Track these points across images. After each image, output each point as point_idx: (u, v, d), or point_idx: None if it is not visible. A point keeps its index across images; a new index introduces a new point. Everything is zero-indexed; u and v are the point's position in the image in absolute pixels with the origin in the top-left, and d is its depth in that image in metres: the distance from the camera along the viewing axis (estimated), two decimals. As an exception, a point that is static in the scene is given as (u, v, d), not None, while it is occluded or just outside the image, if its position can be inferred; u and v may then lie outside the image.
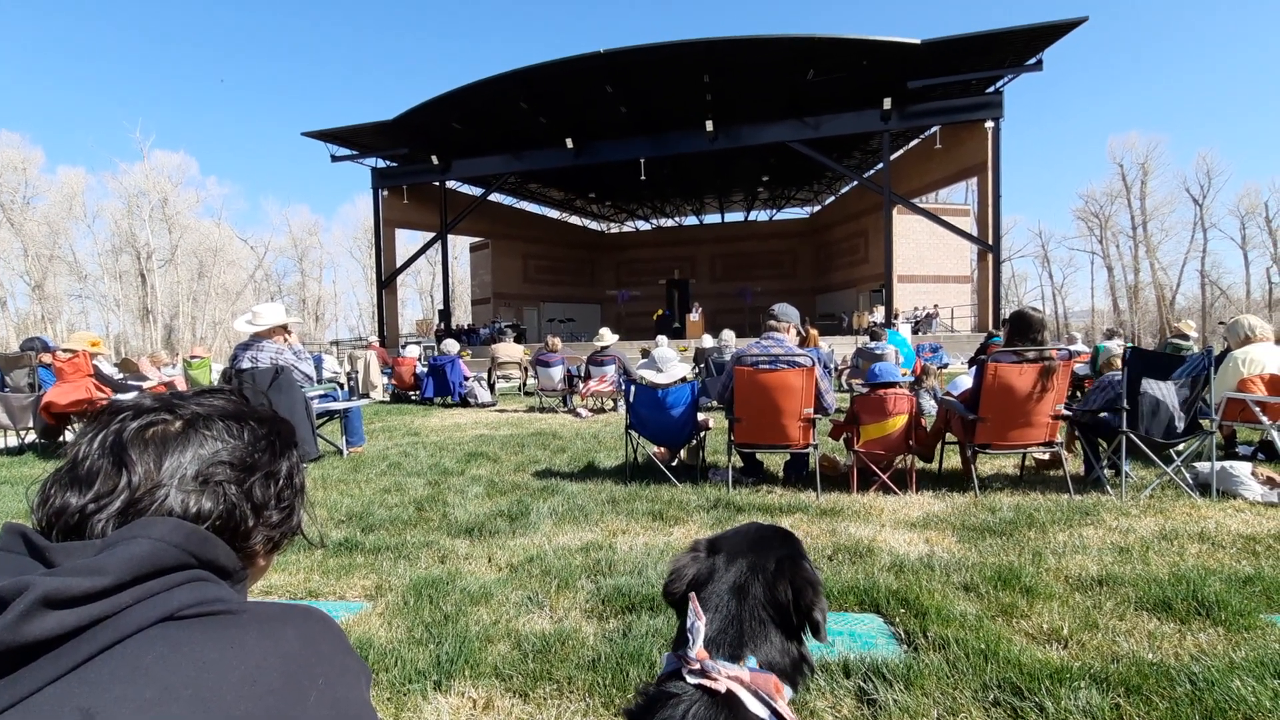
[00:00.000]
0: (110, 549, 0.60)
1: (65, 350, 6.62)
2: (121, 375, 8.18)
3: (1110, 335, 11.71)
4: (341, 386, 9.61)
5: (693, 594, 0.96)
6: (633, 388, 4.83)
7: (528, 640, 2.31)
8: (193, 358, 13.44)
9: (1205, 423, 4.38)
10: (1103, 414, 4.53)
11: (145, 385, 7.31)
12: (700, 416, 5.05)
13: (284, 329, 5.63)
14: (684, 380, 4.77)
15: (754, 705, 0.87)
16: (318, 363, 13.97)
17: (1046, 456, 5.23)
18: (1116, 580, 2.79)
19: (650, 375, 4.72)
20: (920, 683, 1.97)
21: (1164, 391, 4.34)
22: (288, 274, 57.80)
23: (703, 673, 0.88)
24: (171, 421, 0.79)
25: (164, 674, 0.55)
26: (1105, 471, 4.57)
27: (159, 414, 0.79)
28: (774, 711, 0.88)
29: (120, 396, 6.69)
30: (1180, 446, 4.58)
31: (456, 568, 3.15)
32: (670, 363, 4.74)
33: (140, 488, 0.72)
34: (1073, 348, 12.02)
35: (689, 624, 0.92)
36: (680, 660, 0.91)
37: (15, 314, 44.03)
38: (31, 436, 7.00)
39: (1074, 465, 4.99)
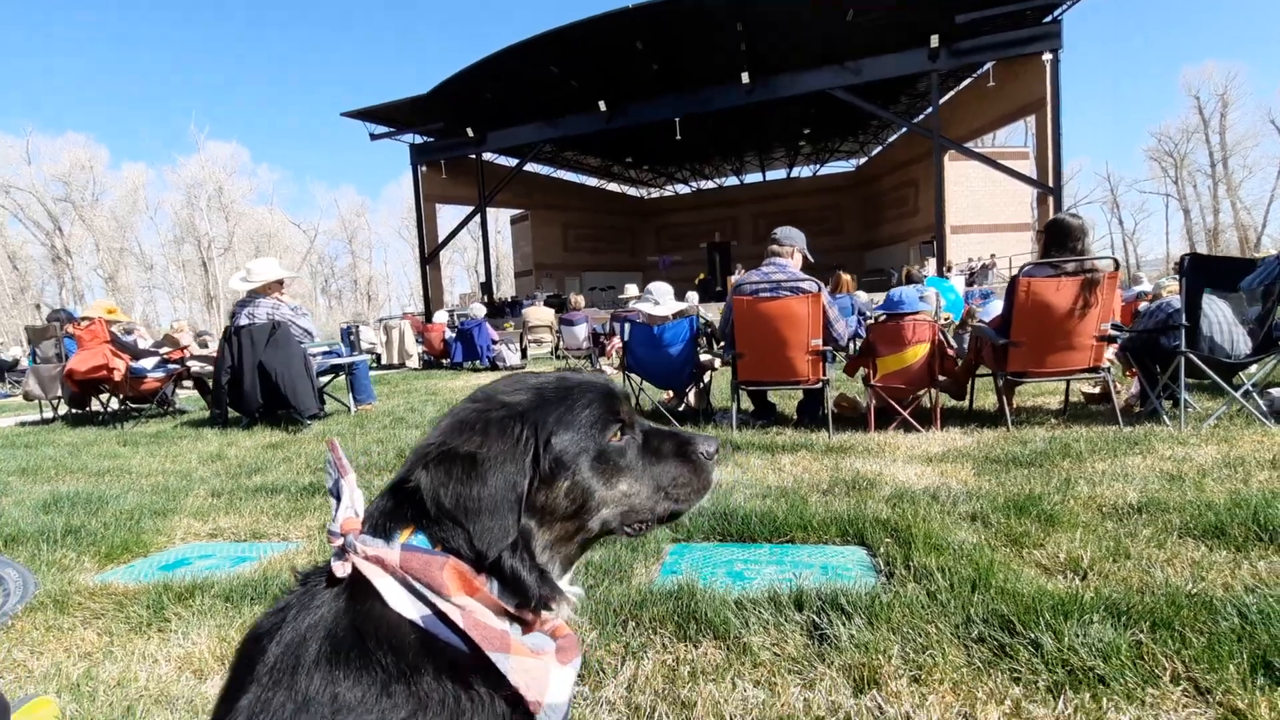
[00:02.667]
0: None
1: (84, 319, 6.71)
2: (153, 344, 8.33)
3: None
4: (352, 346, 9.60)
5: (332, 439, 0.64)
6: (627, 326, 4.50)
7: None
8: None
9: (1283, 340, 3.77)
10: (1160, 335, 3.97)
11: (164, 351, 7.39)
12: (704, 357, 4.69)
13: (279, 284, 5.51)
14: (682, 315, 4.42)
15: (397, 598, 0.56)
16: (354, 333, 14.15)
17: (1096, 389, 4.68)
18: (1159, 506, 2.35)
19: (646, 308, 4.38)
20: (886, 615, 1.61)
21: (1222, 311, 3.76)
22: (339, 256, 59.33)
23: (340, 552, 0.57)
24: None
25: None
26: (1163, 402, 4.02)
27: None
28: (435, 610, 0.56)
29: (138, 363, 6.77)
30: (1252, 369, 3.99)
31: (411, 508, 2.92)
32: (666, 295, 4.39)
33: None
34: (1137, 288, 11.06)
35: (330, 481, 0.60)
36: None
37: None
38: (65, 408, 7.17)
39: (1124, 396, 4.44)
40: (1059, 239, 3.79)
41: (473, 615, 0.56)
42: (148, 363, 6.73)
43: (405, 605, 0.55)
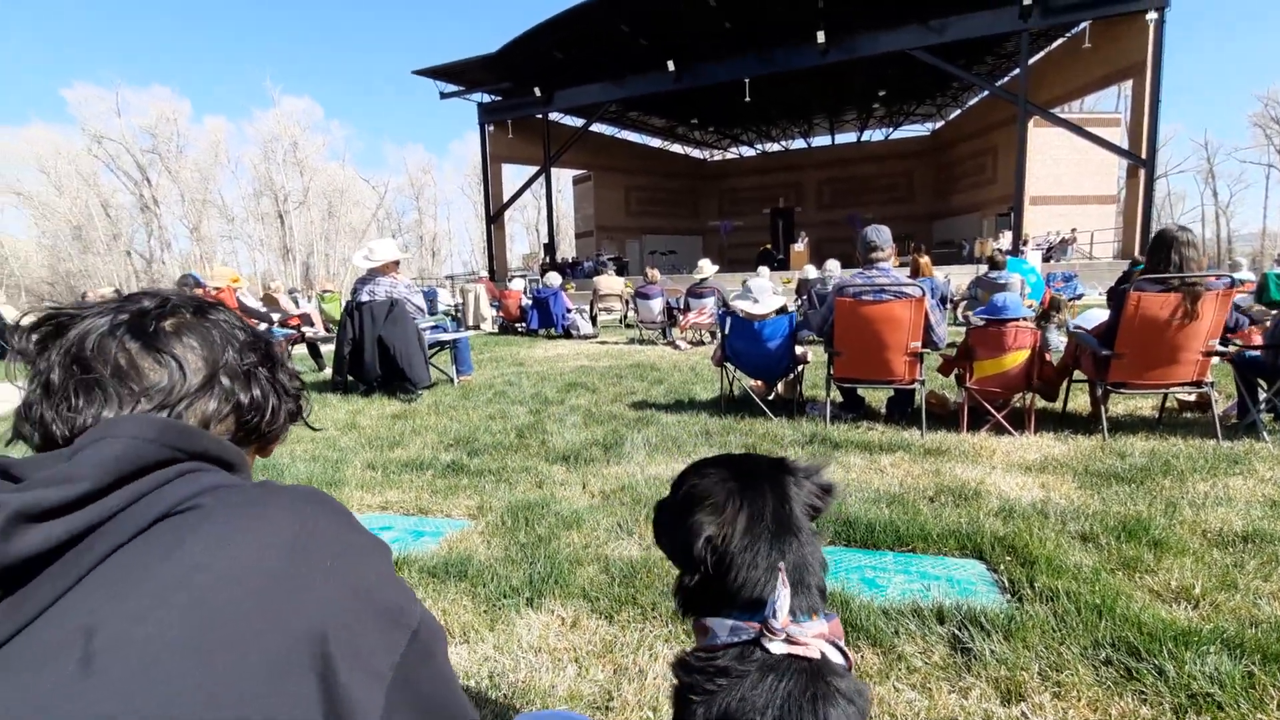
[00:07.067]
0: (78, 455, 0.55)
1: (214, 287, 7.32)
2: (265, 308, 8.97)
3: (1287, 260, 10.18)
4: (452, 318, 10.09)
5: (781, 566, 0.88)
6: (728, 319, 4.73)
7: (615, 565, 2.39)
8: (324, 292, 14.51)
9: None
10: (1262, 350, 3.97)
11: (277, 317, 8.00)
12: (799, 350, 4.89)
13: (395, 264, 5.92)
14: (782, 311, 4.62)
15: (836, 656, 0.84)
16: (431, 296, 14.72)
17: (1192, 398, 4.70)
18: (1265, 537, 2.50)
19: (746, 306, 4.59)
20: (1021, 634, 1.86)
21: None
22: (406, 212, 60.79)
23: (789, 639, 0.84)
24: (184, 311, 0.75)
25: (157, 578, 0.51)
26: (1262, 416, 4.05)
27: (172, 305, 0.74)
28: (843, 652, 0.85)
29: (264, 327, 7.36)
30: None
31: (552, 493, 3.28)
32: (765, 293, 4.59)
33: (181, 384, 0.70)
34: (1237, 275, 10.57)
35: (774, 599, 0.84)
36: (761, 630, 0.84)
37: (179, 254, 49.18)
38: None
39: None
40: (1159, 250, 3.81)
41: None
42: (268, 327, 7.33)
43: (837, 657, 0.85)
